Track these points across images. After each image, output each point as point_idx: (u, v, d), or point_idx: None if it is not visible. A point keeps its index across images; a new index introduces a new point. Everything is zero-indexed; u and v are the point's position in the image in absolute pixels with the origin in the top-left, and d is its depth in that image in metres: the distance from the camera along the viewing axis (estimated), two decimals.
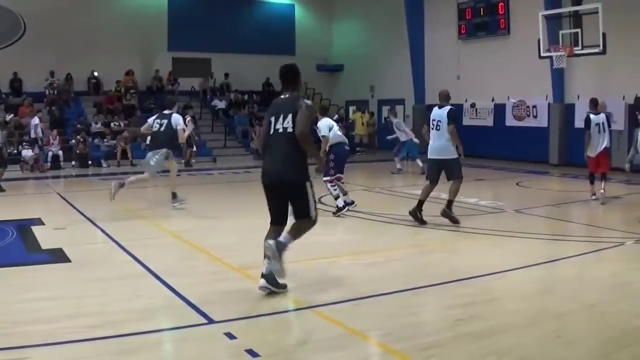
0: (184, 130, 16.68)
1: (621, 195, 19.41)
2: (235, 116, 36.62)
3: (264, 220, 8.67)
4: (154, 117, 17.15)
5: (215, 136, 34.78)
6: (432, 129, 14.42)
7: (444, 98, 14.83)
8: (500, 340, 7.12)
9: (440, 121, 14.31)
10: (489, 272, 10.09)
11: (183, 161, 28.53)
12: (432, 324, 7.71)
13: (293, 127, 8.70)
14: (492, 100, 32.36)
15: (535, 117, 29.76)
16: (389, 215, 15.32)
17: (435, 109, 14.74)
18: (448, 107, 14.53)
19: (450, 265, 10.71)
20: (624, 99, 26.22)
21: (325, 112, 16.74)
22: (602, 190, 17.67)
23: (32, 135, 28.69)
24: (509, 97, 30.56)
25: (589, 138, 17.78)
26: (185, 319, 7.69)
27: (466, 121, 32.91)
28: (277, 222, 9.14)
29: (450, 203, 14.42)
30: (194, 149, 30.08)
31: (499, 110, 32.00)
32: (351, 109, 40.92)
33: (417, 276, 9.94)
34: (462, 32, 34.35)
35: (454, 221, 14.27)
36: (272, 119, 8.99)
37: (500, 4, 31.95)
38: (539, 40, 24.81)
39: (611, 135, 18.94)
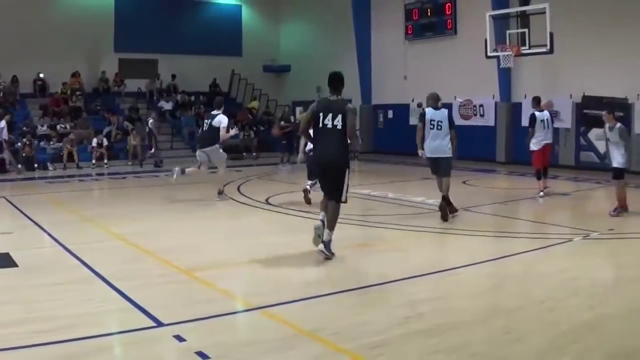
0: (226, 130, 17.71)
1: (569, 192, 19.55)
2: (182, 117, 36.27)
3: (211, 222, 8.60)
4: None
5: (162, 137, 34.37)
6: (432, 128, 14.95)
7: (436, 100, 15.49)
8: (450, 338, 7.07)
9: (441, 121, 14.96)
10: (438, 269, 10.06)
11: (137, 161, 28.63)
12: (381, 322, 7.60)
13: (343, 126, 10.93)
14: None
15: (482, 116, 29.92)
16: (340, 215, 15.26)
17: (431, 110, 15.21)
18: (446, 110, 15.45)
19: (399, 263, 10.64)
20: (571, 97, 26.51)
21: None
22: (547, 186, 18.35)
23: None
24: (455, 97, 30.64)
25: (532, 134, 18.45)
26: (134, 322, 7.53)
27: (413, 121, 32.97)
28: (328, 195, 11.26)
29: (445, 197, 14.92)
30: (152, 150, 29.86)
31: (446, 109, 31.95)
32: (298, 109, 40.81)
33: (366, 275, 9.91)
34: (409, 32, 34.43)
35: (454, 210, 15.04)
36: (321, 115, 11.11)
37: (447, 5, 32.13)
38: (486, 40, 24.90)
39: (555, 132, 19.25)
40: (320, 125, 11.15)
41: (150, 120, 30.03)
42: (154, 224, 14.61)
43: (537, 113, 18.60)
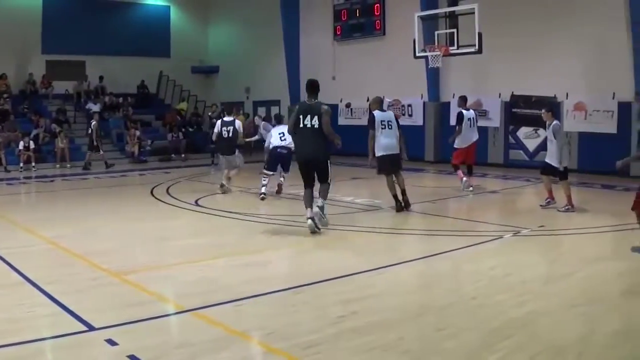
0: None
1: (498, 189, 19.74)
2: (110, 119, 35.82)
3: (141, 224, 8.48)
4: (219, 125, 19.84)
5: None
6: (384, 128, 16.11)
7: (380, 103, 17.03)
8: (383, 336, 7.05)
9: (390, 122, 16.25)
10: (369, 268, 10.03)
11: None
12: (314, 321, 7.57)
13: (319, 125, 12.81)
14: (367, 100, 32.31)
15: (410, 115, 30.07)
16: (267, 216, 15.21)
17: (378, 112, 16.46)
18: (391, 111, 17.77)
19: (329, 263, 10.61)
20: (500, 96, 26.82)
21: (280, 120, 19.84)
22: (470, 185, 18.99)
23: None
24: (384, 97, 30.67)
25: (459, 132, 18.92)
26: (66, 327, 7.36)
27: (341, 121, 33.22)
28: (309, 185, 13.17)
29: (404, 192, 16.02)
30: (100, 152, 29.59)
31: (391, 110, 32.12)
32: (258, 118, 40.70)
33: (297, 275, 9.91)
34: (338, 33, 34.54)
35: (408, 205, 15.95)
36: (301, 117, 12.91)
37: (376, 5, 32.29)
38: (414, 41, 24.98)
39: (484, 131, 19.49)
40: (301, 125, 12.89)
41: (93, 122, 29.73)
42: (83, 227, 14.35)
43: (464, 112, 19.07)
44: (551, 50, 25.32)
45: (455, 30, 23.64)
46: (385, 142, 16.02)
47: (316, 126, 12.77)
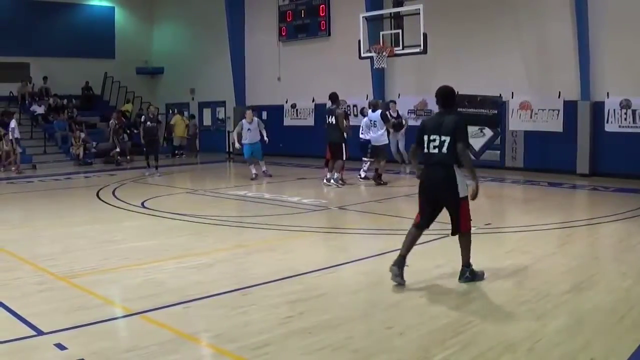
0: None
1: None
2: (54, 121, 35.33)
3: (87, 227, 8.42)
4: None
5: (35, 142, 33.49)
6: (372, 126, 21.17)
7: (375, 105, 21.95)
8: (333, 335, 7.05)
9: (376, 121, 21.03)
10: (317, 268, 10.06)
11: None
12: (263, 322, 7.52)
13: (337, 122, 20.12)
14: (313, 101, 32.67)
15: (356, 116, 30.06)
16: (214, 217, 15.12)
17: (370, 111, 21.66)
18: (379, 111, 21.36)
19: (277, 263, 10.57)
20: None
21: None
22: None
23: None
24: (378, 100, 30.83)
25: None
26: (13, 331, 7.25)
27: (287, 122, 33.26)
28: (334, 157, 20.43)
29: (380, 176, 21.18)
30: (117, 149, 29.77)
31: (320, 110, 32.13)
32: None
33: (244, 276, 9.82)
34: (283, 34, 34.51)
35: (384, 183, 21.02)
36: (327, 116, 20.51)
37: (321, 6, 32.35)
38: (359, 41, 25.00)
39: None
40: (327, 123, 20.39)
41: (112, 121, 29.78)
42: (29, 230, 14.16)
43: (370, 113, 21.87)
44: (496, 50, 25.57)
45: (400, 30, 23.69)
46: (367, 137, 21.44)
47: (333, 123, 20.31)
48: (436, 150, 8.93)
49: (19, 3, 37.28)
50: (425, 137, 9.05)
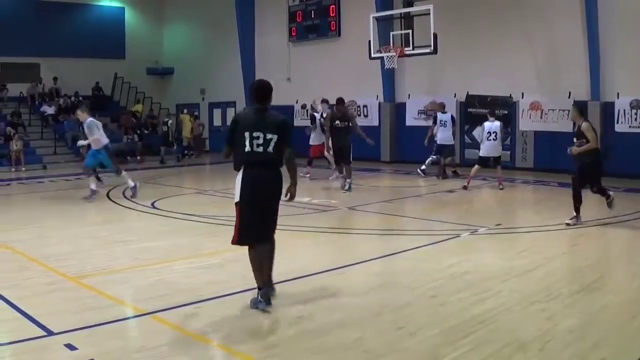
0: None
1: (454, 189, 19.78)
2: (64, 122, 35.39)
3: (97, 227, 8.41)
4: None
5: (45, 142, 33.58)
6: (442, 126, 22.15)
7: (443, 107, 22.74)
8: (343, 335, 7.03)
9: (447, 122, 22.15)
10: (328, 268, 10.03)
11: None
12: (273, 323, 7.53)
13: (349, 125, 19.89)
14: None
15: (366, 116, 30.11)
16: (223, 217, 15.07)
17: (440, 113, 22.44)
18: (449, 113, 22.52)
19: (287, 264, 10.47)
20: (455, 96, 26.91)
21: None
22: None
23: None
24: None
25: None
26: (24, 332, 7.24)
27: (297, 122, 33.15)
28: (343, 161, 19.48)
29: (444, 171, 22.42)
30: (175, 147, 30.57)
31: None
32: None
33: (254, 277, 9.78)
34: (293, 34, 34.52)
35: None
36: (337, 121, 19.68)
37: (331, 7, 32.35)
38: (369, 42, 24.96)
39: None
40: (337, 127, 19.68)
41: (170, 121, 30.24)
42: (39, 231, 14.13)
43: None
44: (506, 50, 25.54)
45: (410, 31, 23.65)
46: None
47: (345, 125, 19.84)
48: (261, 149, 8.22)
49: (28, 3, 37.30)
50: (247, 134, 8.19)
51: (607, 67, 23.16)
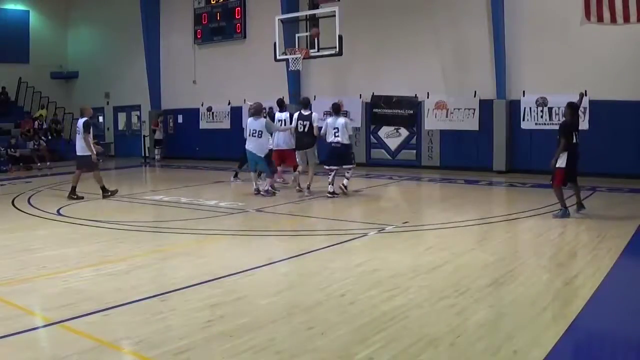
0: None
1: (361, 188, 19.94)
2: None
3: (1, 236, 8.09)
4: (296, 119, 19.52)
5: None
6: (302, 129, 19.12)
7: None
8: (255, 337, 6.98)
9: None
10: (236, 271, 9.95)
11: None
12: (183, 327, 7.42)
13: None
14: (229, 104, 32.62)
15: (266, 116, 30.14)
16: (130, 222, 14.92)
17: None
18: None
19: (195, 267, 10.44)
20: (361, 97, 27.11)
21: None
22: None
23: None
24: (245, 100, 30.72)
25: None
26: None
27: (203, 125, 33.15)
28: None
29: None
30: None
31: (236, 113, 32.23)
32: None
33: (163, 281, 9.71)
34: (199, 36, 34.54)
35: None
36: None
37: (237, 9, 32.52)
38: (275, 44, 24.95)
39: None
40: (296, 128, 18.94)
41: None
42: None
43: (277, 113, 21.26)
44: (413, 52, 25.92)
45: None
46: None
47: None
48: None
49: None
50: None
51: (512, 66, 23.67)
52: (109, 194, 18.88)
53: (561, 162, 13.82)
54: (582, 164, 14.41)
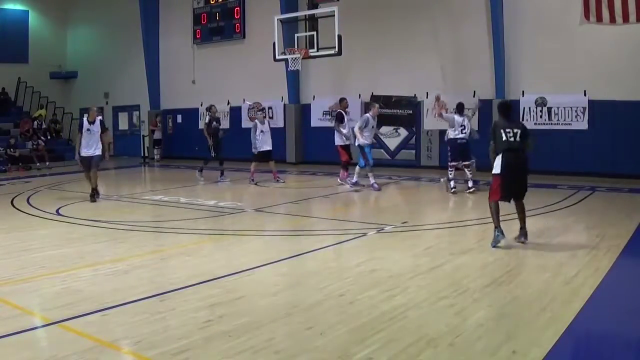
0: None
1: (360, 188, 19.89)
2: None
3: (0, 236, 8.07)
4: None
5: None
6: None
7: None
8: (254, 337, 6.97)
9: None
10: (235, 271, 9.96)
11: None
12: (183, 327, 7.41)
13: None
14: (228, 104, 32.56)
15: (271, 117, 30.06)
16: (130, 222, 14.91)
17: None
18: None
19: (194, 267, 10.44)
20: (360, 97, 27.06)
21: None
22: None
23: None
24: (244, 100, 30.76)
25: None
26: None
27: (202, 125, 33.05)
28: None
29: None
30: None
31: (235, 112, 32.28)
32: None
33: (162, 281, 9.66)
34: (198, 36, 34.54)
35: None
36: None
37: (236, 9, 32.52)
38: (274, 44, 24.93)
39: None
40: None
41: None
42: None
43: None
44: (412, 51, 25.92)
45: (315, 32, 23.70)
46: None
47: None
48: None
49: None
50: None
51: (512, 65, 23.68)
52: (95, 197, 18.70)
53: (495, 168, 11.88)
54: (582, 164, 14.37)
